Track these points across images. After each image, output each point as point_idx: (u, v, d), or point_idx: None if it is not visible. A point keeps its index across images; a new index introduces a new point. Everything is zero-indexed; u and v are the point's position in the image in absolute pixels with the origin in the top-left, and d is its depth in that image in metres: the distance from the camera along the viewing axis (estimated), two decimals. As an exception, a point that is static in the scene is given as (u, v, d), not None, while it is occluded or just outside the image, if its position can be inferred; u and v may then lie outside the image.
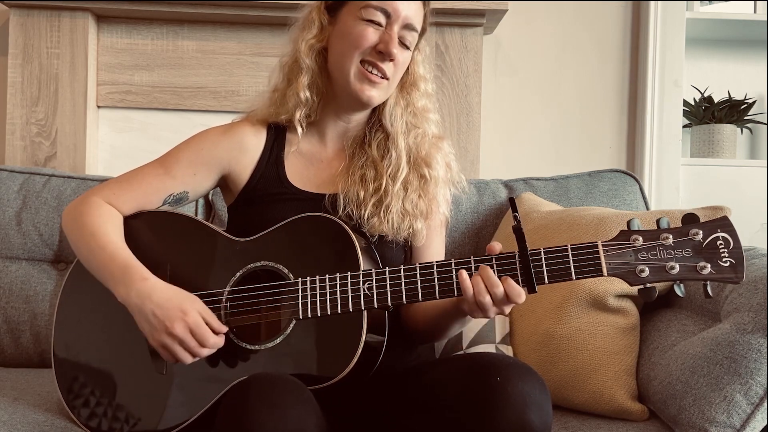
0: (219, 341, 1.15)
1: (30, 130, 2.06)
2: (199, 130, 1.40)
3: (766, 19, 2.28)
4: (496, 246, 1.10)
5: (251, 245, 1.24)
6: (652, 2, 2.24)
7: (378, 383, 1.21)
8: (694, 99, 2.39)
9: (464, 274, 1.09)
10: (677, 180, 2.26)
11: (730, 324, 1.28)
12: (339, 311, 1.13)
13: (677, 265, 1.03)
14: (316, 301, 1.15)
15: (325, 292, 1.15)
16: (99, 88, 2.12)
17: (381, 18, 1.25)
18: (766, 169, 2.28)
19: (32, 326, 1.74)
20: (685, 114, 2.36)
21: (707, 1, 2.42)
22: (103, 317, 1.28)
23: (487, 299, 1.07)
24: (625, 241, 1.06)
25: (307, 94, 1.30)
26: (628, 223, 1.07)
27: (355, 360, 1.10)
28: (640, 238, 1.05)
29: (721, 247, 1.03)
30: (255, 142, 1.35)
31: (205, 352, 1.14)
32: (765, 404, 1.22)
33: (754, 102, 2.37)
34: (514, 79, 2.29)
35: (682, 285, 1.05)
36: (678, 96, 2.26)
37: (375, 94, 1.28)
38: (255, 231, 1.25)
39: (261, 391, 1.01)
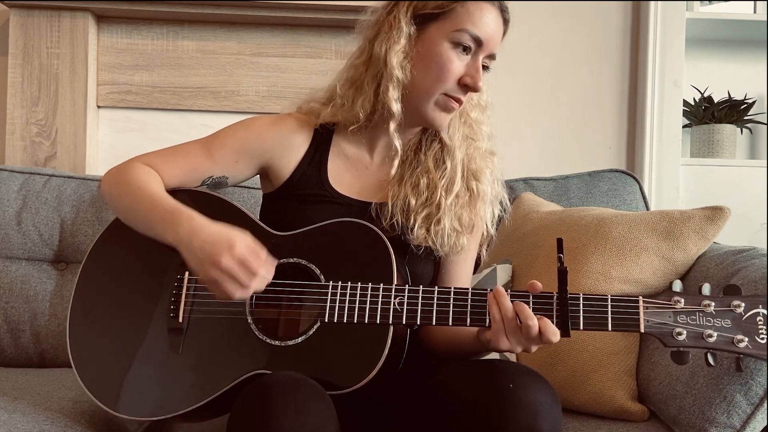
0: (269, 274, 1.12)
1: (30, 130, 2.06)
2: (199, 130, 1.39)
3: (766, 19, 2.28)
4: (538, 285, 1.09)
5: (287, 240, 1.22)
6: (652, 2, 2.24)
7: (389, 388, 1.19)
8: (694, 99, 2.39)
9: (491, 295, 1.08)
10: (677, 180, 2.26)
11: (730, 324, 1.28)
12: (366, 321, 1.12)
13: (715, 334, 1.03)
14: (345, 306, 1.13)
15: (355, 300, 1.13)
16: (99, 88, 2.12)
17: (471, 45, 1.21)
18: (766, 169, 2.28)
19: (32, 326, 1.74)
20: (685, 114, 2.36)
21: (707, 1, 2.42)
22: (124, 290, 1.26)
23: (513, 324, 1.05)
24: (667, 301, 1.06)
25: (399, 107, 1.24)
26: (671, 285, 1.07)
27: (374, 373, 1.09)
28: (682, 301, 1.05)
29: (760, 323, 1.03)
30: (301, 139, 1.32)
31: (255, 283, 1.10)
32: (765, 404, 1.22)
33: (754, 102, 2.37)
34: (514, 79, 2.29)
35: (715, 355, 1.04)
36: (678, 96, 2.26)
37: (445, 122, 1.26)
38: (287, 227, 1.24)
39: (283, 394, 0.99)
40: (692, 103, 2.38)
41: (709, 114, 2.36)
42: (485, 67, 1.24)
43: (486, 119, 1.35)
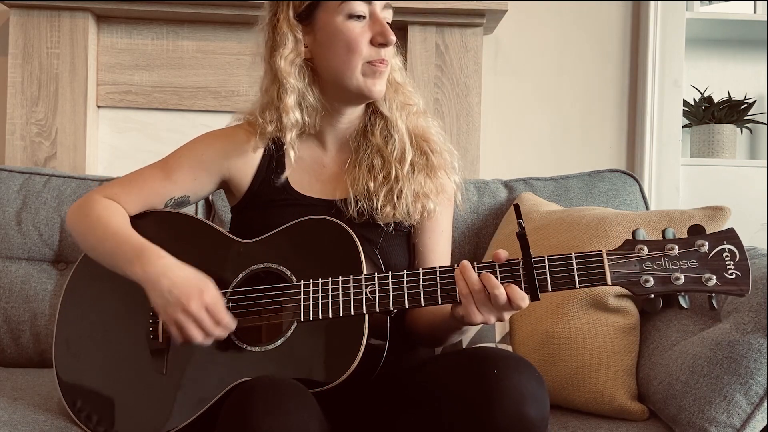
0: (232, 324, 1.15)
1: (30, 130, 2.06)
2: (199, 130, 1.40)
3: (766, 19, 2.29)
4: (502, 254, 1.09)
5: (254, 247, 1.24)
6: (652, 2, 2.24)
7: (378, 384, 1.20)
8: (694, 99, 2.39)
9: (458, 271, 1.09)
10: (677, 180, 2.27)
11: (730, 324, 1.28)
12: (340, 314, 1.13)
13: (682, 276, 1.02)
14: (318, 303, 1.14)
15: (327, 295, 1.14)
16: (99, 88, 2.12)
17: (363, 8, 1.22)
18: (766, 169, 2.28)
19: (32, 326, 1.74)
20: (685, 114, 2.36)
21: (707, 1, 2.42)
22: (105, 317, 1.28)
23: (481, 296, 1.06)
24: (630, 250, 1.05)
25: (297, 115, 1.26)
26: (634, 233, 1.06)
27: (355, 364, 1.10)
28: (645, 248, 1.04)
29: (726, 258, 1.02)
30: (254, 147, 1.33)
31: (218, 332, 1.14)
32: (765, 404, 1.22)
33: (754, 102, 2.37)
34: (514, 79, 2.29)
35: (687, 297, 1.04)
36: (678, 96, 2.26)
37: (382, 87, 1.26)
38: (258, 235, 1.25)
39: (264, 396, 1.00)
40: (692, 103, 2.38)
41: (709, 114, 2.36)
42: (389, 23, 1.26)
43: (408, 79, 1.36)
